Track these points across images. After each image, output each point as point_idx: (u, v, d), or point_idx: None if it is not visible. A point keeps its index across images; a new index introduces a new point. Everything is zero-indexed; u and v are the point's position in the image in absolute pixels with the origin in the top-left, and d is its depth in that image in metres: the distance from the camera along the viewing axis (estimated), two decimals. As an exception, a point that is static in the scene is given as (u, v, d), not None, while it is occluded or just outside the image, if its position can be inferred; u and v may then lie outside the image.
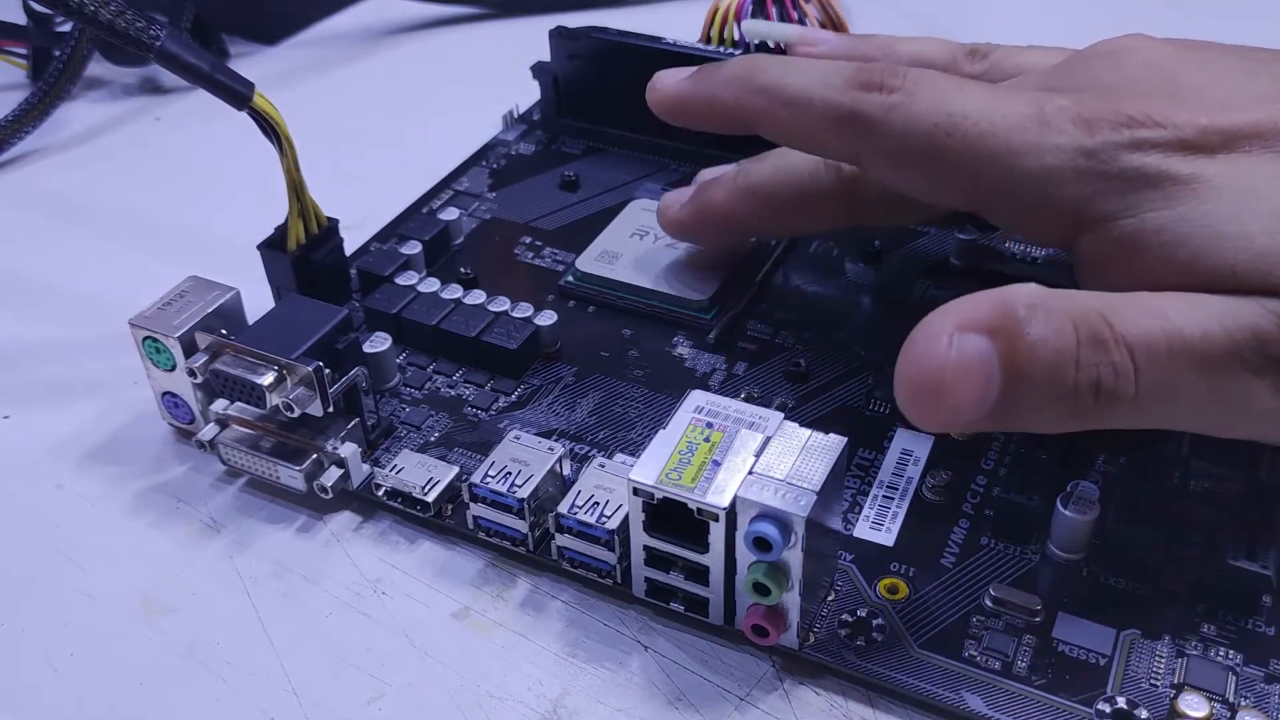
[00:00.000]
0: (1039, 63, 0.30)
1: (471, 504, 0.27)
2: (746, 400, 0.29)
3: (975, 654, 0.25)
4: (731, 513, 0.24)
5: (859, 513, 0.28)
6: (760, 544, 0.23)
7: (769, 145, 0.38)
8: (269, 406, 0.28)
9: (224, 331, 0.29)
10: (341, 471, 0.29)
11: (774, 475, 0.24)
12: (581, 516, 0.26)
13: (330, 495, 0.29)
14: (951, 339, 0.21)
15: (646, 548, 0.25)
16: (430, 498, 0.28)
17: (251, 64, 0.52)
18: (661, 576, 0.25)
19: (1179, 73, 0.26)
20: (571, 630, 0.26)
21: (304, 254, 0.33)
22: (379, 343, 0.31)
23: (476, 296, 0.33)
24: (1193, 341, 0.22)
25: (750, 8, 0.39)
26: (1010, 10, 0.55)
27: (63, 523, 0.30)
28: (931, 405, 0.22)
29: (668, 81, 0.30)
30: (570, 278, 0.35)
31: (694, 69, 0.30)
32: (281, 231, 0.33)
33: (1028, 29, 0.38)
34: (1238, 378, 0.22)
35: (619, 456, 0.29)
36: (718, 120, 0.30)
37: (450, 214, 0.38)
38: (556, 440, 0.29)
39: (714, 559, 0.24)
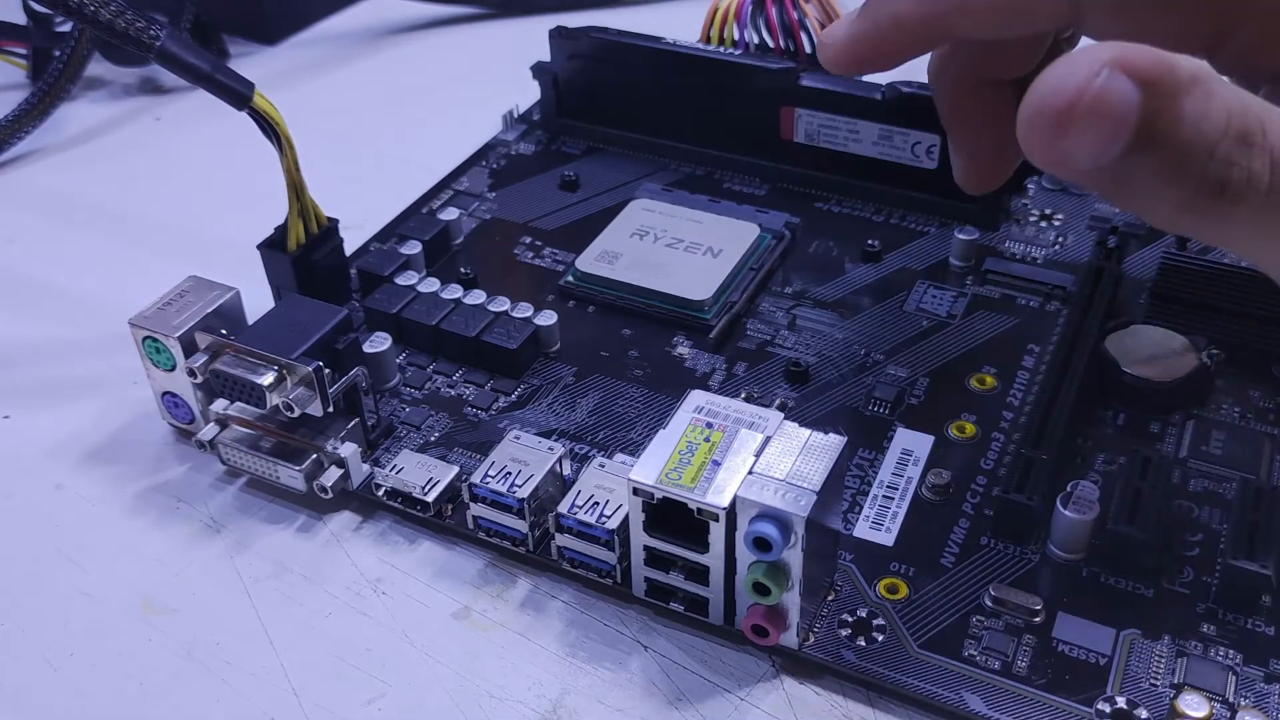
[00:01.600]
0: None
1: (471, 504, 0.27)
2: (746, 400, 0.29)
3: (975, 654, 0.25)
4: (731, 513, 0.24)
5: (859, 513, 0.28)
6: (760, 544, 0.23)
7: (784, 151, 0.37)
8: (269, 406, 0.28)
9: (224, 331, 0.29)
10: (341, 471, 0.29)
11: (774, 475, 0.24)
12: (581, 516, 0.26)
13: (330, 495, 0.29)
14: (1103, 70, 0.19)
15: (646, 548, 0.25)
16: (430, 498, 0.28)
17: (251, 64, 0.52)
18: (661, 576, 0.25)
19: None
20: (571, 630, 0.26)
21: (304, 254, 0.33)
22: (379, 343, 0.31)
23: (476, 296, 0.33)
24: None
25: (750, 8, 0.39)
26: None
27: (63, 523, 0.30)
28: (1053, 133, 0.20)
29: (837, 34, 0.27)
30: (570, 278, 0.35)
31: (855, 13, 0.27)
32: (281, 231, 0.33)
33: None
34: None
35: (619, 456, 0.29)
36: (908, 43, 0.26)
37: (450, 214, 0.38)
38: (556, 440, 0.28)
39: (714, 559, 0.24)
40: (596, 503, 0.26)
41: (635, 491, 0.24)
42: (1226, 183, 0.20)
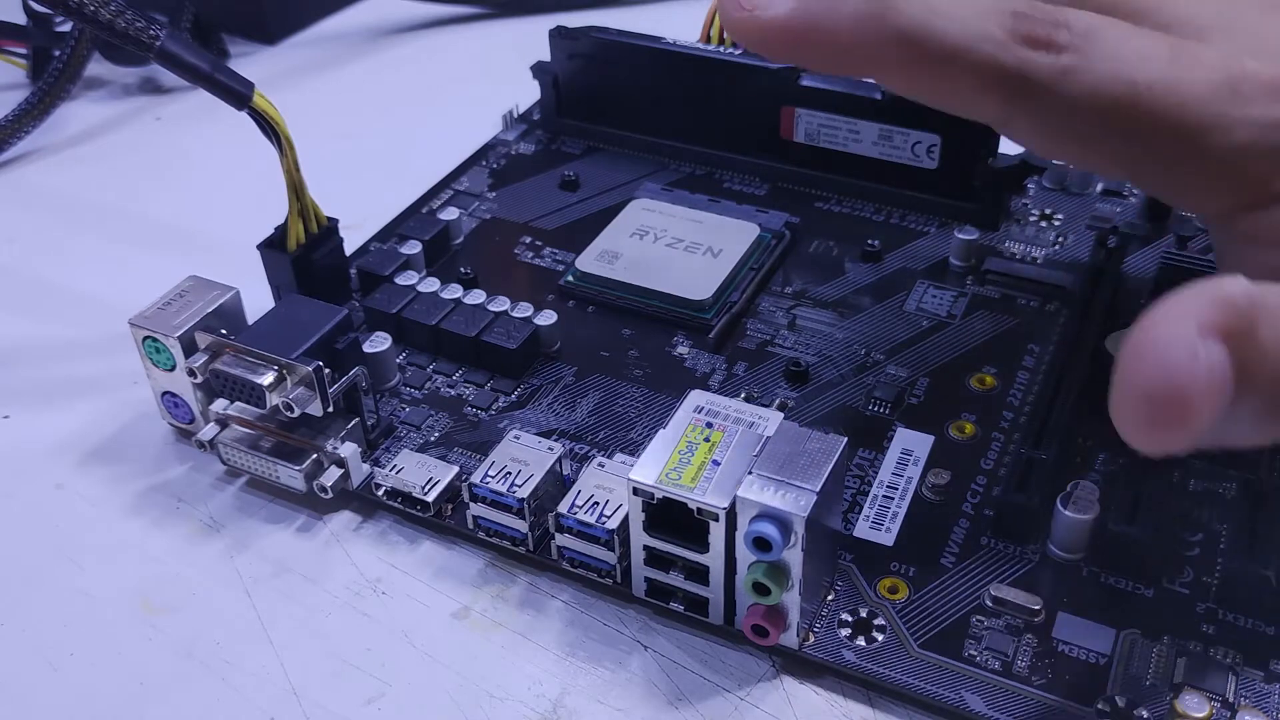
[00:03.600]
0: None
1: (471, 504, 0.27)
2: (746, 400, 0.29)
3: (975, 654, 0.25)
4: (731, 513, 0.24)
5: (859, 513, 0.28)
6: (760, 544, 0.23)
7: (784, 151, 0.37)
8: (269, 406, 0.28)
9: (224, 331, 0.29)
10: (341, 471, 0.29)
11: (774, 475, 0.24)
12: (581, 516, 0.26)
13: (330, 495, 0.29)
14: (1197, 348, 0.17)
15: (646, 548, 0.25)
16: (430, 498, 0.28)
17: (251, 64, 0.52)
18: (661, 576, 0.25)
19: None
20: (571, 630, 0.26)
21: (304, 254, 0.33)
22: (379, 343, 0.31)
23: (476, 296, 0.33)
24: None
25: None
26: None
27: (63, 523, 0.30)
28: (1175, 425, 0.18)
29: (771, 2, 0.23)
30: (570, 278, 0.35)
31: None
32: (281, 231, 0.33)
33: None
34: None
35: (619, 456, 0.29)
36: (830, 63, 0.23)
37: (450, 214, 0.38)
38: (556, 440, 0.29)
39: (714, 559, 0.24)
40: (596, 503, 0.26)
41: (635, 491, 0.24)
42: None
